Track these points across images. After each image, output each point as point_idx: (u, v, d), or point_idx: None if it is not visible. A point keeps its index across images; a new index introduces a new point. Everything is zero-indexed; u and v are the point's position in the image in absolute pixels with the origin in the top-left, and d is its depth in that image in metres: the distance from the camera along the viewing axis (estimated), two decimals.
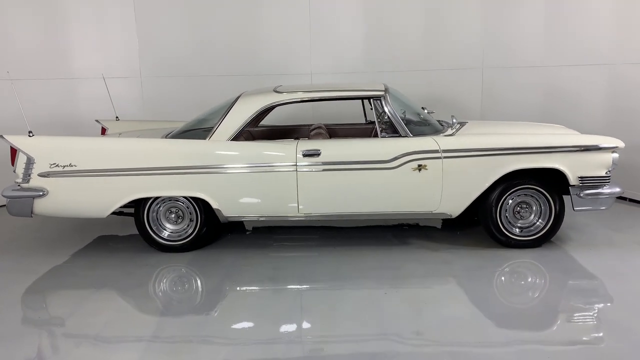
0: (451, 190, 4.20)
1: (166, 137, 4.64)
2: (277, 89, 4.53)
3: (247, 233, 5.05)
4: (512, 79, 6.35)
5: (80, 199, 4.33)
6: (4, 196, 4.38)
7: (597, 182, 4.18)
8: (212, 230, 4.57)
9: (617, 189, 4.22)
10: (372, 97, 4.38)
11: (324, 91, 4.53)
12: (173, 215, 4.46)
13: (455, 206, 4.28)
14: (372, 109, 5.26)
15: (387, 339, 3.03)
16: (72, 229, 5.21)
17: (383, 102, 4.33)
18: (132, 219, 4.47)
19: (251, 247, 4.60)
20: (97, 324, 3.30)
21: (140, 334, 3.20)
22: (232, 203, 4.32)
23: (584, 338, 3.03)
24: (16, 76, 5.61)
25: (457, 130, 4.26)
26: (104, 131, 5.60)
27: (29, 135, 4.29)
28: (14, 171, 4.34)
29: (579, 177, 4.17)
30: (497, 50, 6.36)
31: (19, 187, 4.33)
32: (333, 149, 4.23)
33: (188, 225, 4.48)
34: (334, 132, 5.33)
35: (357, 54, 6.39)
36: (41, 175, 4.27)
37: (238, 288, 3.83)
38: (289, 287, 3.78)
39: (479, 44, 6.36)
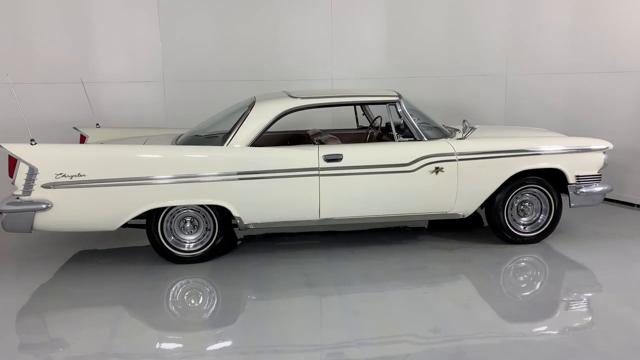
0: (465, 191, 4.41)
1: (176, 143, 4.47)
2: (291, 94, 4.52)
3: (239, 242, 4.95)
4: (537, 87, 6.40)
5: (90, 211, 4.06)
6: (0, 211, 4.00)
7: (591, 180, 4.58)
8: (226, 240, 4.44)
9: (607, 187, 4.64)
10: (387, 103, 4.49)
11: (340, 97, 4.58)
12: (188, 225, 4.30)
13: (468, 207, 4.50)
14: (362, 114, 5.46)
15: (454, 335, 3.14)
16: (53, 243, 4.85)
17: (398, 107, 4.46)
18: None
19: (264, 254, 4.53)
20: (149, 342, 3.13)
21: (203, 348, 3.08)
22: (253, 210, 4.25)
23: (623, 316, 3.34)
24: (40, 80, 5.44)
25: (468, 133, 4.48)
26: (83, 139, 5.26)
27: (31, 144, 3.95)
28: (13, 183, 3.99)
29: (576, 176, 4.54)
30: (521, 57, 6.45)
31: (18, 200, 3.97)
32: (355, 153, 4.29)
33: (204, 235, 4.34)
34: (321, 135, 5.36)
35: (379, 59, 6.44)
36: (45, 186, 3.95)
37: (279, 296, 3.76)
38: (329, 291, 3.77)
39: (503, 51, 6.47)
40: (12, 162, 3.98)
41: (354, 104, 4.65)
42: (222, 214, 4.28)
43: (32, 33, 5.91)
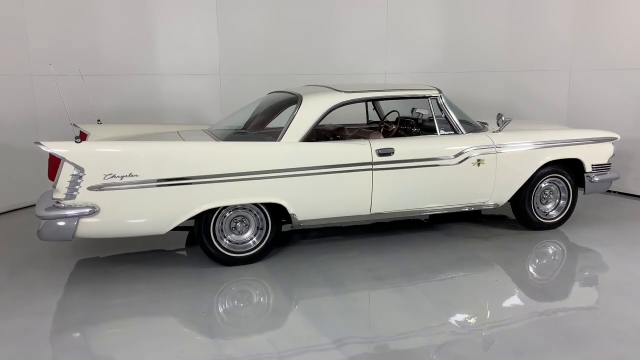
0: (502, 181, 4.62)
1: (216, 139, 4.26)
2: (336, 88, 4.46)
3: None
4: (605, 83, 6.07)
5: (141, 214, 3.75)
6: (39, 217, 3.58)
7: (603, 169, 4.99)
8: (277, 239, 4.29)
9: (615, 174, 5.08)
10: (429, 97, 4.57)
11: (384, 91, 4.59)
12: (239, 224, 4.11)
13: (502, 197, 4.71)
14: (372, 109, 5.53)
15: (554, 310, 3.31)
16: (42, 254, 4.43)
17: (439, 102, 4.57)
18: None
19: (308, 253, 4.43)
20: (262, 345, 2.96)
21: (315, 343, 2.96)
22: (308, 207, 4.15)
23: None
24: (103, 72, 5.39)
25: (504, 126, 4.69)
26: (84, 136, 4.82)
27: (76, 141, 3.56)
28: (54, 186, 3.58)
29: (592, 165, 4.92)
30: (587, 51, 6.12)
31: (60, 205, 3.57)
32: (405, 147, 4.33)
33: (256, 235, 4.16)
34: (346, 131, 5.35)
35: (434, 54, 6.36)
36: (92, 188, 3.59)
37: (358, 290, 3.70)
38: (402, 282, 3.78)
39: (567, 44, 6.16)
40: (54, 162, 3.59)
41: (398, 98, 4.67)
42: (273, 212, 4.13)
43: (95, 25, 6.01)
